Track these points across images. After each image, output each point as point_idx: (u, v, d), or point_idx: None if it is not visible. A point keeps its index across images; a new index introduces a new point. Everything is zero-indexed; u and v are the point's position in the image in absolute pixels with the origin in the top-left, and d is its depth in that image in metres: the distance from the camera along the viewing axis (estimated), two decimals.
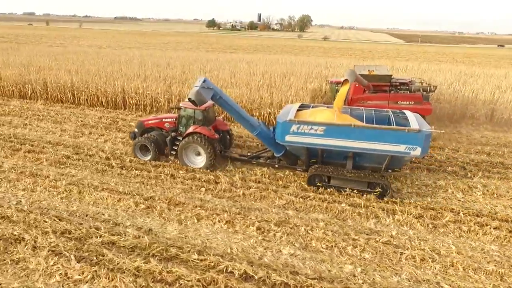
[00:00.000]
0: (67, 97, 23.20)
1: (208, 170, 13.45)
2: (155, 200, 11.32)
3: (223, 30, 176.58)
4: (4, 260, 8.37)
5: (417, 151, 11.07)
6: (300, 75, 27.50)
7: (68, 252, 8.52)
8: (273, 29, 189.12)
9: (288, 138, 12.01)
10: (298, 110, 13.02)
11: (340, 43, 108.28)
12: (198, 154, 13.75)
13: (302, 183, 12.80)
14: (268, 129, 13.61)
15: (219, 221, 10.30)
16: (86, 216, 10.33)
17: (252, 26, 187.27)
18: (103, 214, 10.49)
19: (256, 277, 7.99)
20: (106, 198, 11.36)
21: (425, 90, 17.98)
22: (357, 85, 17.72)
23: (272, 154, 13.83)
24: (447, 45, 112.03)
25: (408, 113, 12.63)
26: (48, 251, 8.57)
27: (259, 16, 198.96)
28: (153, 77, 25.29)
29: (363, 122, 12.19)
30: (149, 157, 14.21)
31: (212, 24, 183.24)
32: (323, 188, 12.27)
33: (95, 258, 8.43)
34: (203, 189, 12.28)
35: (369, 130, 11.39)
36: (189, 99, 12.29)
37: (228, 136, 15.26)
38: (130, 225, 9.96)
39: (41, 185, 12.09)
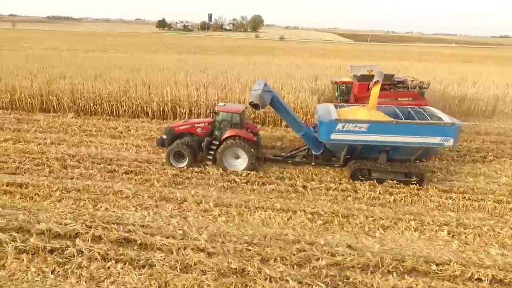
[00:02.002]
0: (102, 109, 20.98)
1: (339, 179, 13.30)
2: (322, 214, 10.91)
3: (174, 31, 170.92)
4: None
5: (450, 142, 12.31)
6: (321, 76, 28.07)
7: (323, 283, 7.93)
8: (226, 29, 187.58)
9: (333, 136, 12.61)
10: None
11: (303, 43, 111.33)
12: (238, 157, 13.67)
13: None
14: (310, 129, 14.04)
15: (406, 229, 10.29)
16: (276, 239, 9.61)
17: (204, 27, 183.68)
18: (286, 235, 9.87)
19: (506, 281, 8.21)
20: (273, 217, 10.68)
21: (421, 87, 19.86)
22: (360, 84, 19.25)
23: (307, 152, 14.41)
24: (398, 44, 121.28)
25: (432, 109, 14.00)
26: (295, 282, 7.87)
27: (210, 16, 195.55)
28: (185, 83, 23.90)
29: (393, 118, 13.09)
30: (184, 164, 13.72)
31: (162, 24, 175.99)
32: (364, 180, 12.90)
33: (340, 283, 7.97)
34: (349, 198, 12.11)
35: (409, 125, 12.45)
36: (251, 103, 12.37)
37: (257, 138, 15.10)
38: (325, 243, 9.50)
39: (188, 209, 10.98)
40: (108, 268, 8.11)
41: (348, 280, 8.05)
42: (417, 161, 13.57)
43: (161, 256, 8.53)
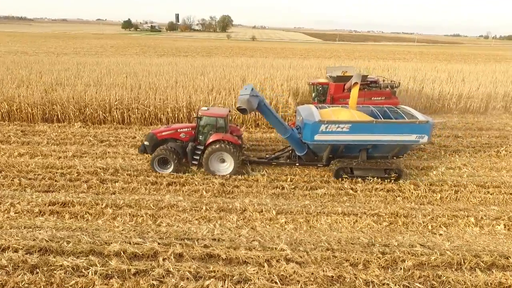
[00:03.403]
0: (112, 117, 20.03)
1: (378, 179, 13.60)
2: (382, 215, 11.19)
3: (141, 32, 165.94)
4: None
5: (425, 139, 13.15)
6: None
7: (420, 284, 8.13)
8: (194, 30, 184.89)
9: (317, 137, 13.12)
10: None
11: (280, 43, 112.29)
12: (223, 161, 13.74)
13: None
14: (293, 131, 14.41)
15: (465, 225, 10.81)
16: (352, 243, 9.71)
17: (172, 27, 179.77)
18: (359, 238, 10.04)
19: None
20: (339, 222, 10.80)
21: (392, 86, 20.90)
22: (336, 85, 20.07)
23: (290, 153, 14.86)
24: (364, 43, 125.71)
25: (406, 108, 14.89)
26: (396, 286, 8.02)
27: (177, 16, 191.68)
28: (191, 87, 23.40)
29: (372, 118, 13.79)
30: (169, 170, 13.65)
31: (128, 25, 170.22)
32: (347, 178, 13.55)
33: (435, 283, 8.23)
34: (398, 198, 12.52)
35: (388, 124, 13.22)
36: (238, 108, 12.56)
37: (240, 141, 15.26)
38: (399, 244, 9.75)
39: (253, 219, 10.82)
40: (207, 286, 7.83)
41: (441, 279, 8.33)
42: (394, 158, 14.28)
43: (253, 270, 8.36)
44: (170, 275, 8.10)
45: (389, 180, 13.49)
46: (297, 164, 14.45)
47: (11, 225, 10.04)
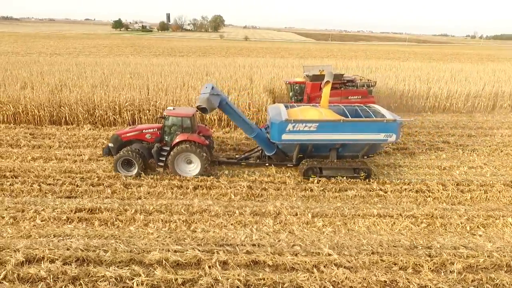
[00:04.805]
0: (123, 119, 19.50)
1: (367, 180, 13.43)
2: (418, 217, 11.03)
3: (132, 31, 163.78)
4: None
5: (393, 138, 13.10)
6: None
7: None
8: (186, 30, 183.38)
9: (284, 137, 13.00)
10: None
11: (275, 43, 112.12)
12: (190, 162, 13.38)
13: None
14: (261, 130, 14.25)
15: (503, 226, 10.73)
16: (394, 246, 9.51)
17: (164, 27, 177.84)
18: (399, 241, 9.84)
19: None
20: (377, 224, 10.61)
21: (368, 85, 21.08)
22: (313, 84, 19.95)
23: (260, 153, 14.71)
24: (356, 43, 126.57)
25: (376, 106, 14.88)
26: None
27: (168, 16, 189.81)
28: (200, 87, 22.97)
29: (343, 117, 13.74)
30: (134, 172, 13.13)
31: (118, 25, 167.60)
32: (316, 178, 13.31)
33: (489, 286, 8.08)
34: (429, 199, 12.41)
35: (355, 123, 13.16)
36: (198, 107, 12.35)
37: (210, 141, 14.97)
38: (441, 246, 9.60)
39: (290, 223, 10.55)
40: None
41: (494, 282, 8.19)
42: (365, 157, 14.25)
43: (304, 276, 8.08)
44: (220, 284, 7.77)
45: (361, 179, 13.34)
46: (267, 164, 14.26)
47: (40, 233, 9.54)
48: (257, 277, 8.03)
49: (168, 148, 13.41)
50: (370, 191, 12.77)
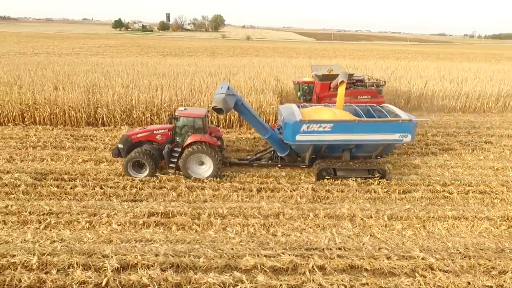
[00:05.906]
0: (160, 120, 19.22)
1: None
2: (494, 219, 10.86)
3: (132, 31, 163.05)
4: None
5: (408, 138, 12.86)
6: None
7: None
8: (186, 29, 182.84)
9: (298, 137, 12.68)
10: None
11: (280, 43, 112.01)
12: (202, 163, 13.09)
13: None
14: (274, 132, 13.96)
15: None
16: (480, 249, 9.36)
17: (164, 27, 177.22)
18: (484, 244, 9.71)
19: None
20: (456, 226, 10.45)
21: (378, 85, 20.71)
22: (322, 84, 19.59)
23: (272, 154, 14.39)
24: (358, 42, 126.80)
25: (390, 106, 14.63)
26: None
27: (168, 16, 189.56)
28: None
29: (357, 117, 13.47)
30: (145, 174, 12.84)
31: (119, 25, 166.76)
32: (330, 179, 13.09)
33: None
34: (496, 200, 12.25)
35: (370, 123, 12.88)
36: (214, 108, 12.11)
37: (221, 142, 14.72)
38: None
39: (367, 225, 10.37)
40: None
41: None
42: (378, 158, 13.98)
43: (408, 281, 7.92)
44: None
45: (373, 180, 13.04)
46: (279, 165, 14.00)
47: (120, 238, 9.29)
48: (360, 282, 7.86)
49: (179, 149, 13.10)
50: (434, 192, 12.62)
